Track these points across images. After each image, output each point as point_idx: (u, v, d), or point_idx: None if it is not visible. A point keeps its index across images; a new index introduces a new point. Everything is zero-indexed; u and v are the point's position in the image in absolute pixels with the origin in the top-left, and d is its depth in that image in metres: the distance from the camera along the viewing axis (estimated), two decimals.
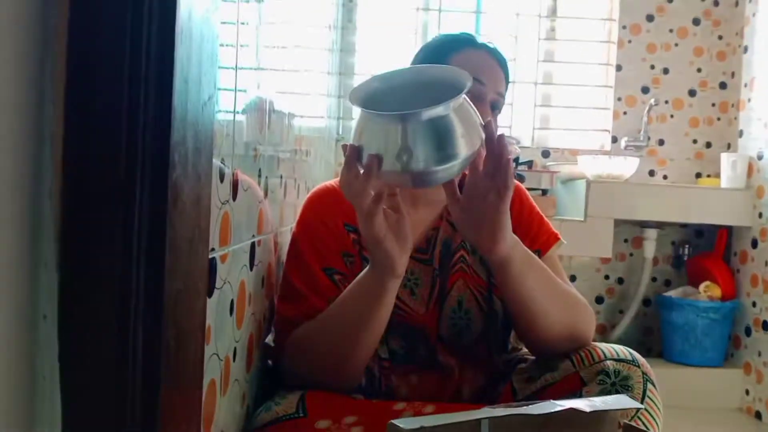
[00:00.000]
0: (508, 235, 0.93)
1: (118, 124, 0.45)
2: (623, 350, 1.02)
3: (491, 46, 1.11)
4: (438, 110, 0.79)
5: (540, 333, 1.03)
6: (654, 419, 0.96)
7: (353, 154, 0.83)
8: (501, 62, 1.10)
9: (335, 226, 1.06)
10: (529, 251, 1.01)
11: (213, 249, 0.69)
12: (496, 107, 1.09)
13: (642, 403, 0.95)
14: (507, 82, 1.11)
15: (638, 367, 0.98)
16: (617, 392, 0.95)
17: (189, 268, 0.53)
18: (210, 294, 0.69)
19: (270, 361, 1.12)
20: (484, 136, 0.84)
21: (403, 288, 1.08)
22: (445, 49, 1.09)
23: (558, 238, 1.16)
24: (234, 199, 0.79)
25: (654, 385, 0.98)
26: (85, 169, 0.45)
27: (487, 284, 1.12)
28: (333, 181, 1.14)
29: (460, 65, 0.99)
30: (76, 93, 0.45)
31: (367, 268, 0.94)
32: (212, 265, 0.69)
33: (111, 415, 0.45)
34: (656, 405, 0.97)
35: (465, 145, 0.81)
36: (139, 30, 0.45)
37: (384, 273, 0.91)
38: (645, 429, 0.92)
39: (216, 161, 0.69)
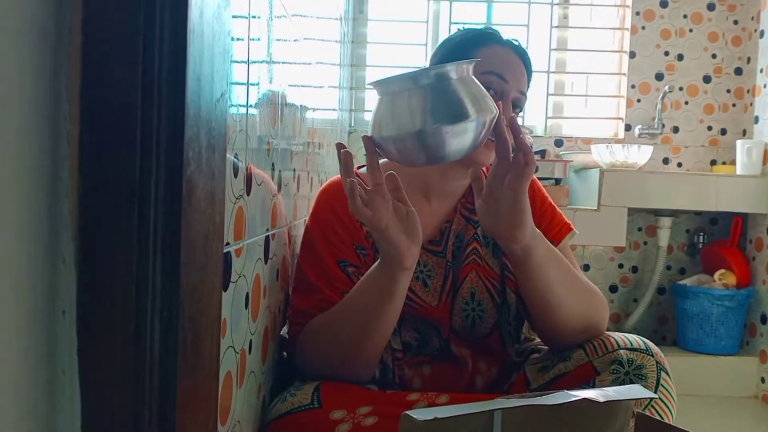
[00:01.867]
0: (528, 222, 0.93)
1: (132, 123, 0.45)
2: (637, 339, 1.02)
3: (516, 43, 1.09)
4: (447, 69, 0.82)
5: (557, 325, 1.03)
6: (668, 408, 0.96)
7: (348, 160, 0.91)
8: (525, 61, 1.08)
9: (348, 218, 1.06)
10: (550, 244, 1.01)
11: (228, 243, 0.70)
12: (517, 106, 1.08)
13: (655, 392, 0.95)
14: (530, 81, 1.10)
15: (652, 356, 0.99)
16: (631, 381, 0.96)
17: (204, 263, 0.54)
18: (225, 288, 0.70)
19: (285, 353, 1.13)
20: (495, 111, 0.84)
21: (416, 280, 1.08)
22: (470, 45, 1.06)
23: (571, 229, 1.16)
24: (248, 193, 0.80)
25: (668, 374, 0.98)
26: (101, 167, 0.46)
27: (500, 276, 1.13)
28: None
29: (484, 61, 0.99)
30: (91, 92, 0.45)
31: (378, 261, 0.95)
32: (227, 260, 0.70)
33: (129, 407, 0.46)
34: (670, 394, 0.97)
35: (475, 109, 0.82)
36: (152, 29, 0.45)
37: (393, 265, 0.91)
38: (659, 418, 0.92)
39: (230, 156, 0.69)
